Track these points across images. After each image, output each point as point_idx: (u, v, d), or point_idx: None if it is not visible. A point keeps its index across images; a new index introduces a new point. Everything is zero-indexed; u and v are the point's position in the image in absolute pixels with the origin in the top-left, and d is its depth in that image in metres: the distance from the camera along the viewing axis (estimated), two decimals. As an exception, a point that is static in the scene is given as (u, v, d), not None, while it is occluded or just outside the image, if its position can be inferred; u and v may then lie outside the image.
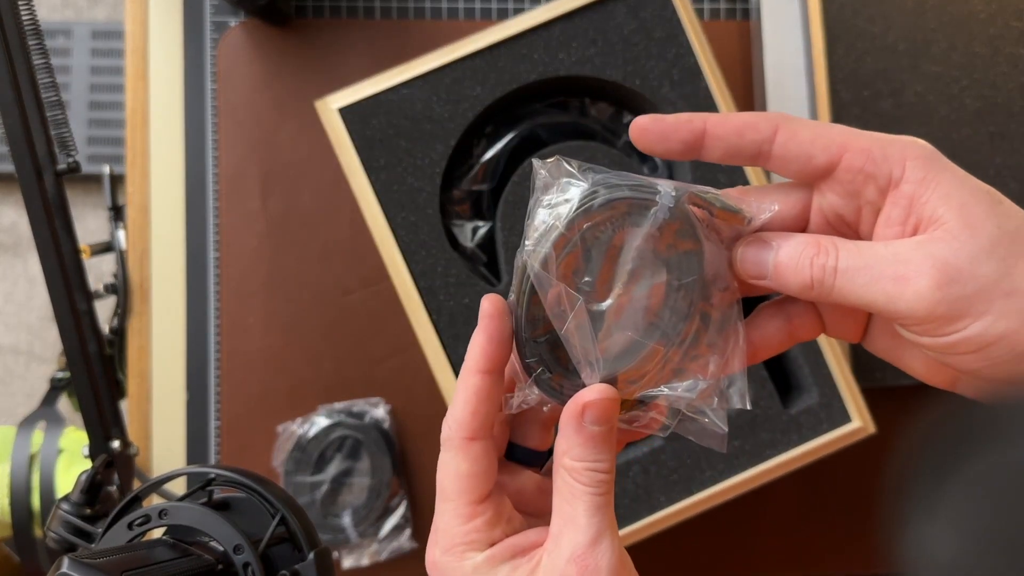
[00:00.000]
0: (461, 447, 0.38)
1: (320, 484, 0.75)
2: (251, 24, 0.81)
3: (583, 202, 0.36)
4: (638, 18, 0.67)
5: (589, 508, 0.36)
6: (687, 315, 0.38)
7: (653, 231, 0.37)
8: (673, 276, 0.38)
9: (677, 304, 0.38)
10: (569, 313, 0.37)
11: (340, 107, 0.65)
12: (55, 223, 0.59)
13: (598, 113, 0.71)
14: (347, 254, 0.80)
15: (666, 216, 0.37)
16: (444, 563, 0.37)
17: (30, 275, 1.87)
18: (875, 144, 0.36)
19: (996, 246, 0.33)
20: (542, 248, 0.37)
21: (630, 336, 0.38)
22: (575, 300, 0.37)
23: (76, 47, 1.78)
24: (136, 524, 0.44)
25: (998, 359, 0.34)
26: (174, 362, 0.80)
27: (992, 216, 0.34)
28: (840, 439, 0.67)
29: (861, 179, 0.36)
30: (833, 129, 0.37)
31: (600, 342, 0.38)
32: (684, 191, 0.37)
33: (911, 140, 0.36)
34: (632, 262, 0.37)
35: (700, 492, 0.66)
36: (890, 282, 0.34)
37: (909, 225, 0.35)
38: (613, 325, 0.38)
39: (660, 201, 0.37)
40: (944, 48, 0.75)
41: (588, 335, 0.37)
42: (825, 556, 0.81)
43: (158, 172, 0.81)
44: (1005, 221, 0.34)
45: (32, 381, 1.87)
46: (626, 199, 0.37)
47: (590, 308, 0.37)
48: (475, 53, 0.66)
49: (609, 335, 0.38)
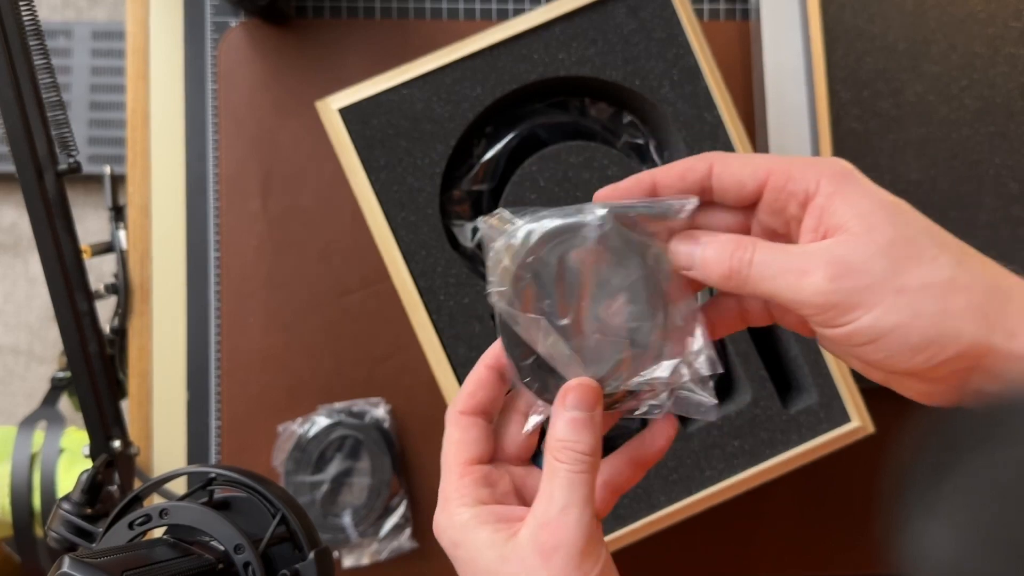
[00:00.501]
0: (453, 418, 0.45)
1: (320, 484, 0.75)
2: (251, 24, 0.81)
3: (524, 240, 0.43)
4: (638, 18, 0.67)
5: (564, 482, 0.41)
6: (646, 310, 0.44)
7: (591, 247, 0.43)
8: (621, 280, 0.44)
9: (635, 301, 0.44)
10: (539, 336, 0.43)
11: (340, 107, 0.66)
12: (56, 223, 0.59)
13: (598, 113, 0.71)
14: (347, 254, 0.80)
15: (598, 234, 0.43)
16: (439, 520, 0.43)
17: (30, 275, 1.87)
18: (794, 166, 0.41)
19: (890, 248, 0.38)
20: (502, 287, 0.43)
21: (599, 339, 0.44)
22: (539, 323, 0.43)
23: (77, 47, 1.78)
24: (137, 523, 0.44)
25: (893, 351, 0.38)
26: (175, 362, 0.80)
27: (890, 223, 0.38)
28: (839, 439, 0.67)
29: (784, 197, 0.41)
30: (759, 158, 0.42)
31: (577, 351, 0.44)
32: (611, 209, 0.43)
33: (828, 160, 0.41)
34: (579, 277, 0.44)
35: (700, 492, 0.66)
36: (793, 275, 0.39)
37: (819, 232, 0.40)
38: (583, 334, 0.44)
39: (589, 222, 0.43)
40: (944, 48, 0.75)
41: (562, 348, 0.44)
42: (824, 555, 0.81)
43: (159, 172, 0.81)
44: (903, 228, 0.38)
45: (32, 381, 1.87)
46: (560, 228, 0.43)
47: (557, 325, 0.44)
48: (475, 53, 0.66)
49: (582, 343, 0.44)
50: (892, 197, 0.40)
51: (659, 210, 0.44)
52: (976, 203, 0.75)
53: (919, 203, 0.73)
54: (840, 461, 0.69)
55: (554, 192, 0.67)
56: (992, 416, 0.35)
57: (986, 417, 0.35)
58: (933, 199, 0.74)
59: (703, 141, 0.67)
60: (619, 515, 0.65)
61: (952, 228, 0.75)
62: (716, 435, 0.67)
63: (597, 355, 0.44)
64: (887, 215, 0.39)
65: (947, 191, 0.74)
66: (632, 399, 0.45)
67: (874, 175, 0.75)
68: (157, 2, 0.81)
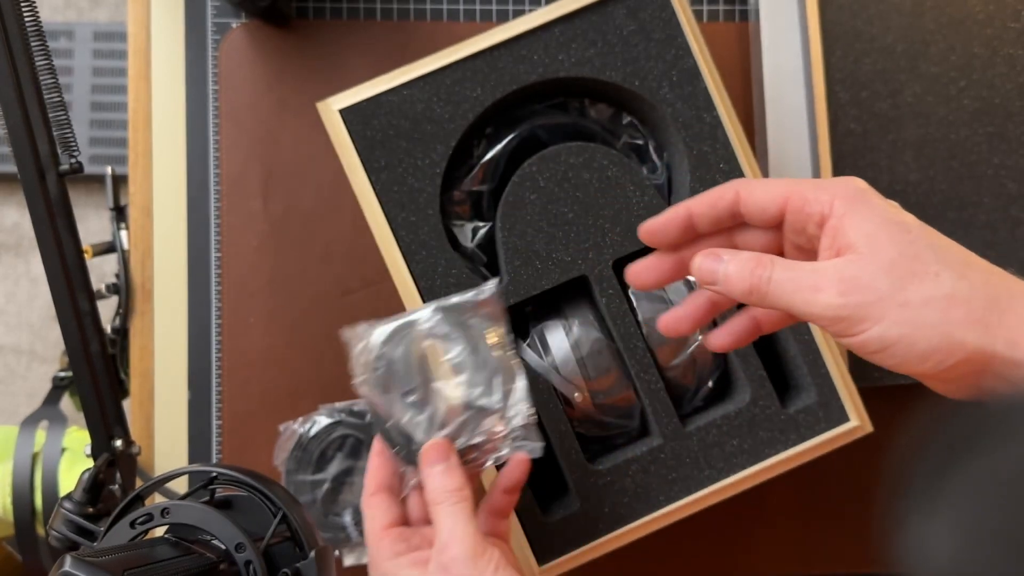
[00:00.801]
0: (365, 502, 0.58)
1: (321, 483, 0.75)
2: (252, 25, 0.81)
3: (374, 340, 0.56)
4: (637, 20, 0.67)
5: (445, 515, 0.53)
6: (477, 377, 0.56)
7: (425, 337, 0.57)
8: (453, 357, 0.57)
9: (467, 372, 0.57)
10: (397, 413, 0.57)
11: (341, 108, 0.66)
12: (57, 223, 0.59)
13: (598, 114, 0.71)
14: (348, 254, 0.80)
15: (428, 325, 0.56)
16: (371, 573, 0.56)
17: (32, 275, 1.88)
18: (809, 189, 0.45)
19: (893, 265, 0.42)
20: (364, 380, 0.57)
21: (443, 408, 0.57)
22: (395, 403, 0.56)
23: (78, 48, 1.78)
24: (138, 523, 0.45)
25: (903, 358, 0.42)
26: (176, 362, 0.80)
27: (895, 243, 0.42)
28: (838, 438, 0.67)
29: (803, 218, 0.45)
30: (779, 183, 0.47)
31: (428, 420, 0.57)
32: (436, 304, 0.57)
33: (841, 181, 0.45)
34: (422, 362, 0.56)
35: (699, 491, 0.66)
36: (808, 291, 0.43)
37: (833, 250, 0.44)
38: (431, 406, 0.56)
39: (420, 317, 0.57)
40: (942, 49, 0.76)
41: (417, 420, 0.57)
42: (823, 554, 0.81)
43: (160, 173, 0.81)
44: (907, 246, 0.42)
45: (34, 381, 1.87)
46: (398, 327, 0.57)
47: (408, 403, 0.57)
48: (475, 54, 0.66)
49: (431, 414, 0.57)
50: (900, 216, 0.43)
51: (471, 296, 0.57)
52: (975, 203, 0.75)
53: (917, 204, 0.74)
54: (839, 460, 0.69)
55: (554, 192, 0.67)
56: (992, 415, 0.35)
57: (986, 416, 0.35)
58: (931, 200, 0.75)
59: (702, 142, 0.67)
60: (619, 514, 0.66)
61: (950, 229, 0.76)
62: (715, 434, 0.67)
63: (443, 421, 0.57)
64: (892, 234, 0.42)
65: (945, 191, 0.75)
66: (479, 452, 0.58)
67: (872, 176, 0.75)
68: (158, 3, 0.81)
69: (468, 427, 0.57)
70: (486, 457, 0.58)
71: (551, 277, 0.67)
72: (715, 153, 0.67)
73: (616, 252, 0.67)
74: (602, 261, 0.67)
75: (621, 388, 0.68)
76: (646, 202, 0.67)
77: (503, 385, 0.57)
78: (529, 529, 0.65)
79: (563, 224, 0.67)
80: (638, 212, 0.67)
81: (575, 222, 0.67)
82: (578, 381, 0.67)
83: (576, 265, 0.67)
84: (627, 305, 0.67)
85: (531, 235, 0.67)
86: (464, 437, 0.57)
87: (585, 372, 0.67)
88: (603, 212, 0.67)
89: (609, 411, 0.68)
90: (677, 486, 0.66)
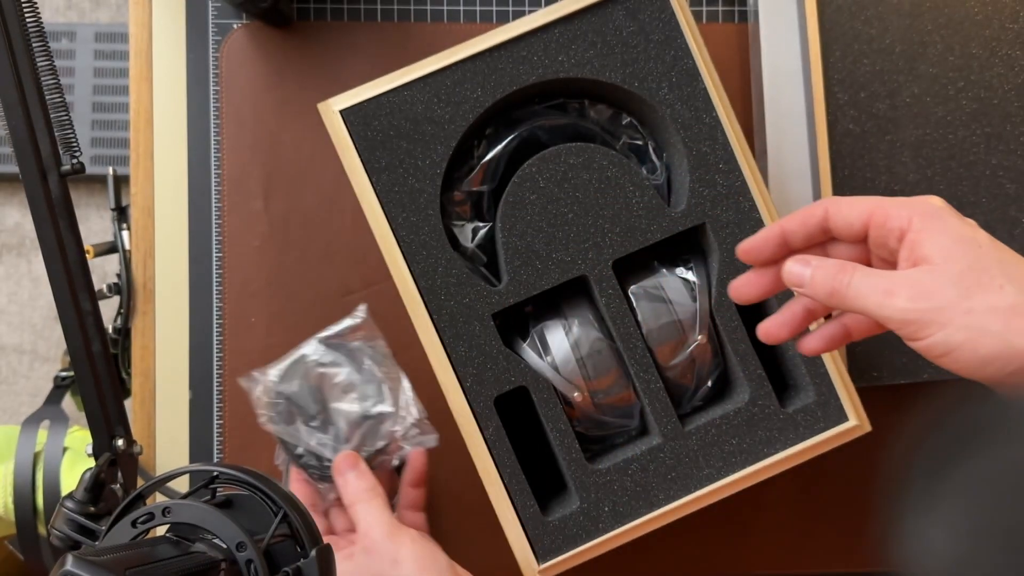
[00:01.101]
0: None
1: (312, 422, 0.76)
2: (253, 27, 0.81)
3: (271, 380, 0.67)
4: (637, 21, 0.68)
5: (363, 511, 0.64)
6: (368, 391, 0.66)
7: (315, 367, 0.66)
8: (344, 379, 0.66)
9: (358, 389, 0.66)
10: (304, 439, 0.66)
11: (342, 108, 0.66)
12: (59, 224, 0.59)
13: (597, 115, 0.72)
14: (349, 254, 0.80)
15: (315, 357, 0.66)
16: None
17: (34, 275, 1.88)
18: (891, 206, 0.49)
19: (962, 277, 0.45)
20: (270, 417, 0.67)
21: (343, 425, 0.66)
22: (300, 431, 0.66)
23: (80, 49, 1.79)
24: (139, 522, 0.45)
25: (965, 362, 0.45)
26: (178, 361, 0.81)
27: (964, 255, 0.46)
28: (836, 437, 0.67)
29: (884, 233, 0.49)
30: (864, 201, 0.51)
31: (333, 439, 0.65)
32: (318, 338, 0.68)
33: (920, 200, 0.49)
34: (317, 390, 0.66)
35: (698, 490, 0.66)
36: (882, 295, 0.47)
37: (911, 262, 0.48)
38: (334, 425, 0.65)
39: (307, 352, 0.67)
40: (940, 50, 0.76)
41: (322, 441, 0.66)
42: (822, 553, 0.81)
43: (162, 173, 0.81)
44: (976, 260, 0.46)
45: (36, 380, 1.88)
46: (289, 364, 0.67)
47: (312, 427, 0.66)
48: (475, 55, 0.67)
49: (335, 432, 0.65)
50: (972, 232, 0.47)
51: (347, 323, 0.68)
52: (973, 204, 0.75)
53: (916, 204, 0.74)
54: (837, 460, 0.69)
55: (554, 192, 0.67)
56: (991, 416, 0.35)
57: (984, 417, 0.35)
58: (930, 200, 0.75)
59: (701, 142, 0.68)
60: (618, 512, 0.66)
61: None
62: (714, 434, 0.67)
63: (347, 436, 0.65)
64: (963, 249, 0.46)
65: (944, 192, 0.75)
66: (384, 455, 0.67)
67: (871, 176, 0.76)
68: (159, 4, 0.82)
69: (370, 435, 0.66)
70: (391, 457, 0.67)
71: (551, 277, 0.67)
72: (714, 153, 0.68)
73: (616, 252, 0.67)
74: (602, 261, 0.67)
75: (621, 388, 0.68)
76: (646, 202, 0.68)
77: (391, 392, 0.66)
78: (529, 528, 0.66)
79: (563, 224, 0.67)
80: (637, 212, 0.67)
81: (575, 222, 0.67)
82: (578, 381, 0.67)
83: (576, 265, 0.67)
84: (627, 305, 0.67)
85: (531, 235, 0.67)
86: (368, 445, 0.66)
87: (585, 372, 0.67)
88: (603, 212, 0.67)
89: (609, 411, 0.68)
90: (676, 485, 0.66)
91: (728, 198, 0.68)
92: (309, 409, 0.65)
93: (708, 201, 0.68)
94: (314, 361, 0.66)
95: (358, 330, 0.67)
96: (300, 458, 0.66)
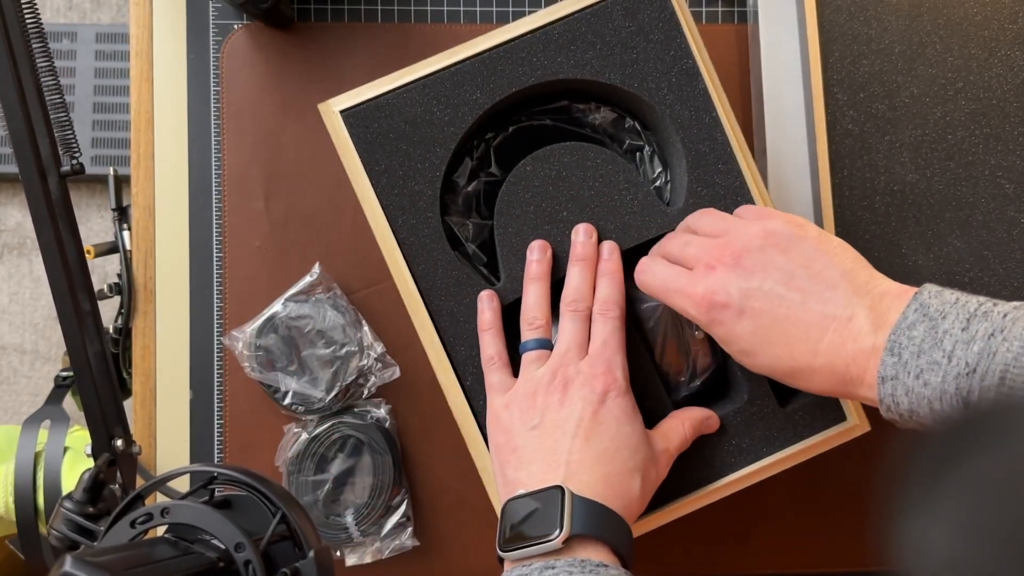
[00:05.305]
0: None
1: (322, 483, 0.76)
2: (254, 27, 0.81)
3: (249, 336, 0.77)
4: (636, 21, 0.68)
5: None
6: (338, 337, 0.76)
7: (287, 322, 0.76)
8: (312, 328, 0.76)
9: (328, 336, 0.76)
10: (283, 383, 0.77)
11: (342, 109, 0.66)
12: (59, 224, 0.59)
13: (597, 115, 0.72)
14: (349, 255, 0.80)
15: (285, 313, 0.76)
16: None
17: (35, 275, 1.88)
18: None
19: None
20: (251, 366, 0.76)
21: (317, 367, 0.76)
22: (278, 376, 0.76)
23: (80, 50, 1.79)
24: (138, 522, 0.45)
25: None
26: (178, 361, 0.81)
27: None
28: (836, 436, 0.67)
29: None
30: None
31: (310, 382, 0.76)
32: (287, 296, 0.77)
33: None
34: (290, 341, 0.76)
35: (697, 489, 0.66)
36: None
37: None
38: (308, 369, 0.76)
39: (277, 310, 0.76)
40: (939, 51, 0.76)
41: (303, 386, 0.77)
42: (821, 553, 0.81)
43: (162, 173, 0.81)
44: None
45: (37, 380, 1.88)
46: (263, 322, 0.76)
47: (290, 371, 0.76)
48: (475, 57, 0.67)
49: (311, 376, 0.76)
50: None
51: (307, 281, 0.78)
52: (971, 204, 0.75)
53: (914, 204, 0.74)
54: (837, 459, 0.69)
55: (548, 191, 0.67)
56: (989, 416, 0.35)
57: (984, 417, 0.35)
58: (928, 200, 0.75)
59: (701, 142, 0.68)
60: (617, 514, 0.66)
61: (947, 229, 0.76)
62: (713, 433, 0.67)
63: (321, 377, 0.75)
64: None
65: (942, 192, 0.75)
66: (355, 387, 0.77)
67: (870, 176, 0.76)
68: (160, 5, 0.82)
69: (341, 372, 0.75)
70: (362, 389, 0.77)
71: (550, 277, 0.67)
72: (713, 153, 0.68)
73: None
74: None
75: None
76: (640, 200, 0.68)
77: (355, 334, 0.76)
78: (528, 528, 0.65)
79: (558, 222, 0.67)
80: (632, 210, 0.68)
81: (570, 220, 0.67)
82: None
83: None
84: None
85: (527, 234, 0.67)
86: (341, 380, 0.75)
87: (584, 372, 0.67)
88: (597, 210, 0.67)
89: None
90: (675, 484, 0.66)
91: (727, 198, 0.68)
92: (285, 357, 0.75)
93: (707, 200, 0.68)
94: (284, 316, 0.76)
95: (317, 285, 0.77)
96: (284, 399, 0.76)
